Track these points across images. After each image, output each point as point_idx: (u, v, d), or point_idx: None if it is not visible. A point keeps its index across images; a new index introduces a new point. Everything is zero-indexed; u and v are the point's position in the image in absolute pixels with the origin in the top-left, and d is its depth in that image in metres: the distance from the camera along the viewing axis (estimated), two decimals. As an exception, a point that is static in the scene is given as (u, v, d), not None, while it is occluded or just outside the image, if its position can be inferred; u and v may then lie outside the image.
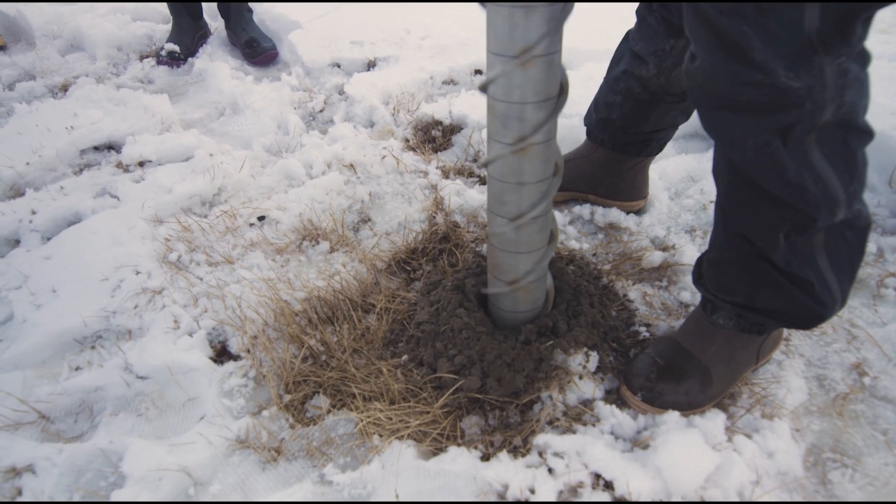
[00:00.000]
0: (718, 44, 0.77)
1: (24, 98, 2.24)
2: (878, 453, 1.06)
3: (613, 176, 1.51)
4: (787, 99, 0.77)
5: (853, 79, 0.78)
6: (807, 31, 0.72)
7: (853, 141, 0.84)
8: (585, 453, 0.96)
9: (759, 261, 0.96)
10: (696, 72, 0.83)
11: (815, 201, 0.86)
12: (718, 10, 0.74)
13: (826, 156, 0.83)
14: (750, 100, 0.79)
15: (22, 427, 1.12)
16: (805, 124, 0.80)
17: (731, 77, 0.79)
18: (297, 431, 1.09)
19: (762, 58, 0.75)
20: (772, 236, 0.91)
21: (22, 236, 1.53)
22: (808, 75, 0.75)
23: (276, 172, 1.73)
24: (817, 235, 0.91)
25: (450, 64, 2.19)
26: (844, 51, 0.75)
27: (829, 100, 0.78)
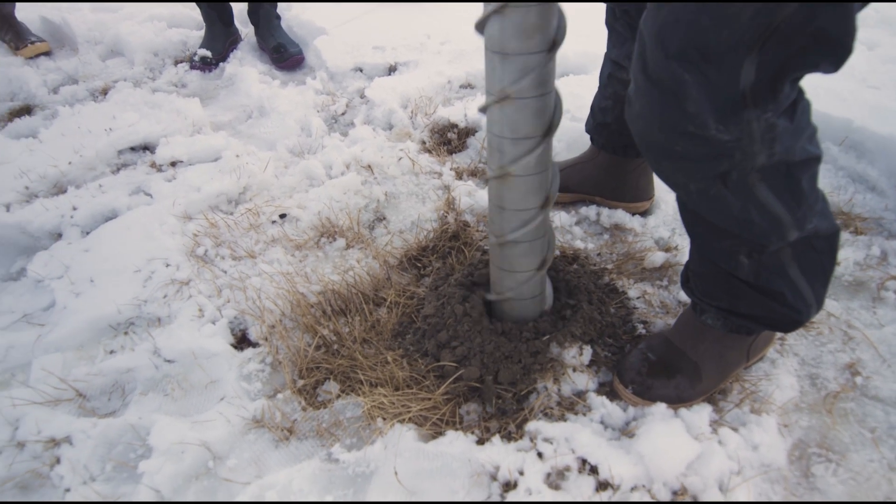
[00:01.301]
0: (656, 91, 0.82)
1: (67, 101, 2.39)
2: (864, 450, 1.09)
3: (617, 178, 1.56)
4: (717, 150, 0.82)
5: (782, 131, 0.82)
6: (742, 85, 0.76)
7: (797, 171, 0.88)
8: (573, 440, 1.02)
9: (730, 277, 1.00)
10: (633, 118, 0.88)
11: (762, 230, 0.91)
12: (666, 52, 0.78)
13: (770, 188, 0.87)
14: (684, 150, 0.84)
15: (61, 403, 1.23)
16: (740, 170, 0.84)
17: (666, 125, 0.83)
18: (309, 413, 1.17)
19: (695, 109, 0.79)
20: (732, 259, 0.97)
21: (64, 230, 1.65)
22: (736, 129, 0.80)
23: (297, 173, 1.82)
24: (784, 250, 0.95)
25: (467, 69, 2.26)
26: (772, 107, 0.79)
27: (757, 151, 0.82)
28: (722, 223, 0.94)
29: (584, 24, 2.33)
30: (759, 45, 0.74)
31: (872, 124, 1.71)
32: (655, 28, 0.79)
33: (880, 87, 1.90)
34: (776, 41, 0.74)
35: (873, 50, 2.19)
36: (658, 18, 0.79)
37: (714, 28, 0.74)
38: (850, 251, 1.48)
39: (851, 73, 1.98)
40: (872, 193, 1.66)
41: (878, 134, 1.67)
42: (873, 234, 1.54)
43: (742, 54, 0.75)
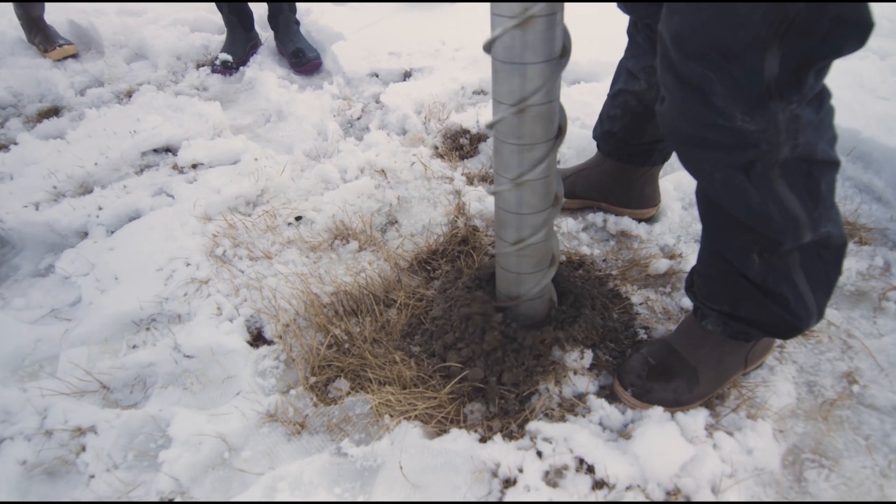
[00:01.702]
0: (683, 90, 0.86)
1: (93, 103, 2.47)
2: (858, 457, 1.12)
3: (623, 185, 1.60)
4: (744, 140, 0.85)
5: (806, 123, 0.85)
6: (766, 78, 0.80)
7: (817, 172, 0.91)
8: (572, 440, 1.06)
9: (738, 277, 1.04)
10: (665, 113, 0.92)
11: (780, 227, 0.94)
12: (686, 55, 0.82)
13: (790, 186, 0.90)
14: (713, 139, 0.87)
15: (86, 394, 1.30)
16: (764, 161, 0.87)
17: (695, 119, 0.87)
18: (320, 409, 1.22)
19: (722, 103, 0.83)
20: (745, 256, 1.00)
21: (90, 229, 1.72)
22: (762, 119, 0.83)
23: (313, 176, 1.88)
24: (792, 254, 0.98)
25: (481, 75, 2.30)
26: (796, 98, 0.82)
27: (783, 142, 0.85)
28: (741, 216, 0.96)
29: (597, 31, 2.37)
30: (777, 39, 0.77)
31: (880, 135, 1.73)
32: (672, 35, 0.83)
33: (890, 97, 1.91)
34: (795, 34, 0.77)
35: (885, 60, 2.19)
36: (672, 24, 0.83)
37: (729, 29, 0.78)
38: (853, 261, 1.50)
39: (861, 83, 2.00)
40: (878, 204, 1.68)
41: (886, 145, 1.69)
42: (878, 244, 1.56)
43: (762, 49, 0.78)
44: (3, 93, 2.56)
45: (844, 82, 2.02)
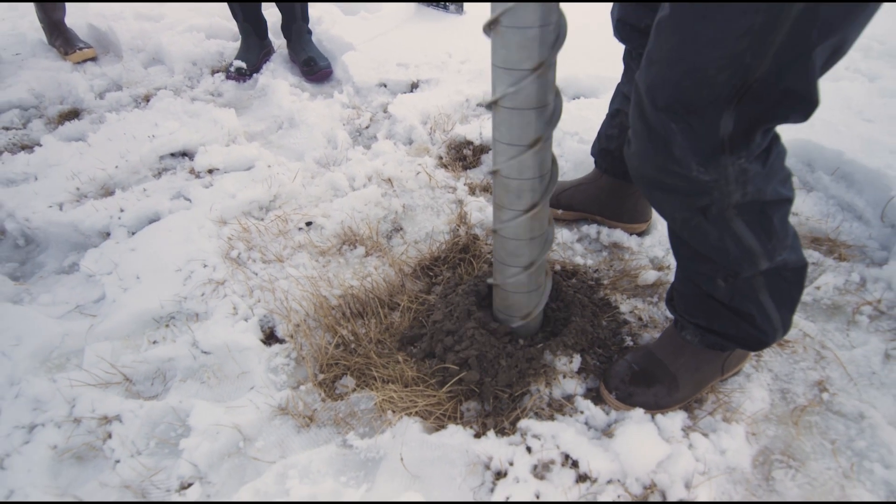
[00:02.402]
0: (649, 136, 0.95)
1: (112, 107, 2.58)
2: (823, 459, 1.22)
3: (617, 200, 1.69)
4: (698, 188, 0.95)
5: (753, 175, 0.94)
6: (721, 134, 0.89)
7: (769, 210, 1.00)
8: (559, 437, 1.16)
9: (708, 297, 1.13)
10: (631, 156, 1.02)
11: (737, 258, 1.03)
12: (656, 105, 0.92)
13: (746, 223, 1.00)
14: (671, 184, 0.97)
15: (111, 386, 1.40)
16: (718, 205, 0.97)
17: (656, 165, 0.96)
18: (327, 404, 1.32)
19: (680, 153, 0.92)
20: (711, 281, 1.10)
21: (112, 230, 1.82)
22: (714, 171, 0.93)
23: (323, 183, 1.98)
24: (756, 278, 1.08)
25: (485, 88, 2.40)
26: (745, 154, 0.92)
27: (733, 190, 0.95)
28: (702, 249, 1.07)
29: (596, 47, 2.47)
30: (735, 101, 0.87)
31: (863, 157, 1.82)
32: (646, 85, 0.93)
33: (874, 120, 2.00)
34: (751, 98, 0.87)
35: (874, 82, 2.28)
36: (649, 76, 0.93)
37: (695, 88, 0.87)
38: (831, 276, 1.59)
39: (848, 105, 2.09)
40: (859, 222, 1.77)
41: (867, 167, 1.78)
42: (855, 260, 1.65)
43: (721, 108, 0.88)
44: (25, 94, 2.67)
45: (833, 103, 2.11)
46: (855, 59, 2.42)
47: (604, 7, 1.42)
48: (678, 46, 0.86)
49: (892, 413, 1.28)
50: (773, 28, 0.78)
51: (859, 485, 1.16)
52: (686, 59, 0.86)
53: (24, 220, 1.88)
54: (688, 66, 0.86)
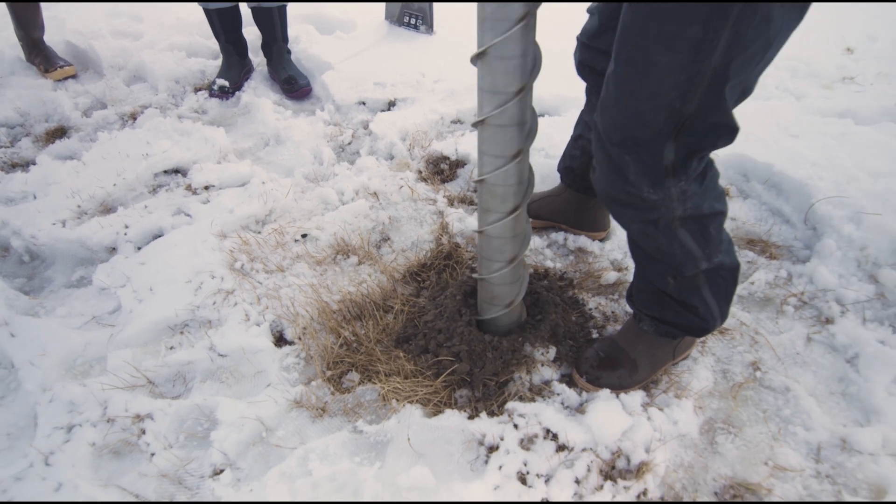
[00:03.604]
0: (609, 165, 1.18)
1: (99, 125, 2.68)
2: (757, 426, 1.47)
3: (579, 211, 1.92)
4: (649, 205, 1.18)
5: (692, 194, 1.18)
6: (665, 163, 1.12)
7: (706, 221, 1.24)
8: (540, 415, 1.38)
9: (660, 293, 1.37)
10: (596, 179, 1.25)
11: (681, 260, 1.27)
12: (612, 142, 1.14)
13: (688, 232, 1.23)
14: (628, 202, 1.20)
15: (136, 388, 1.55)
16: (665, 218, 1.20)
17: (616, 187, 1.19)
18: (337, 397, 1.50)
19: (634, 178, 1.15)
20: (662, 279, 1.33)
21: (118, 245, 1.95)
22: (661, 192, 1.16)
23: (314, 198, 2.15)
24: (699, 276, 1.31)
25: (458, 107, 2.60)
26: (684, 177, 1.15)
27: (676, 207, 1.18)
28: (654, 253, 1.31)
29: (559, 68, 2.70)
30: (673, 136, 1.10)
31: (789, 169, 2.10)
32: (603, 127, 1.15)
33: (800, 135, 2.30)
34: (685, 133, 1.10)
35: (800, 100, 2.59)
36: (604, 120, 1.15)
37: (640, 128, 1.10)
38: (763, 273, 1.86)
39: (777, 122, 2.38)
40: (787, 225, 2.05)
41: (793, 178, 2.06)
42: (784, 259, 1.92)
43: (662, 143, 1.11)
44: (10, 112, 2.74)
45: (765, 120, 2.40)
46: (783, 78, 2.73)
47: (564, 33, 1.62)
48: (624, 97, 1.09)
49: (812, 386, 1.55)
50: (695, 83, 1.01)
51: (785, 445, 1.41)
52: (631, 108, 1.09)
53: (31, 238, 1.99)
54: (633, 112, 1.09)
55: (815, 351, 1.63)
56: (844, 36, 3.14)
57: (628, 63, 1.05)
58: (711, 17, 0.94)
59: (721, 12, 0.93)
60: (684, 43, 0.97)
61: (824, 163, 2.11)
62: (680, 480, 1.35)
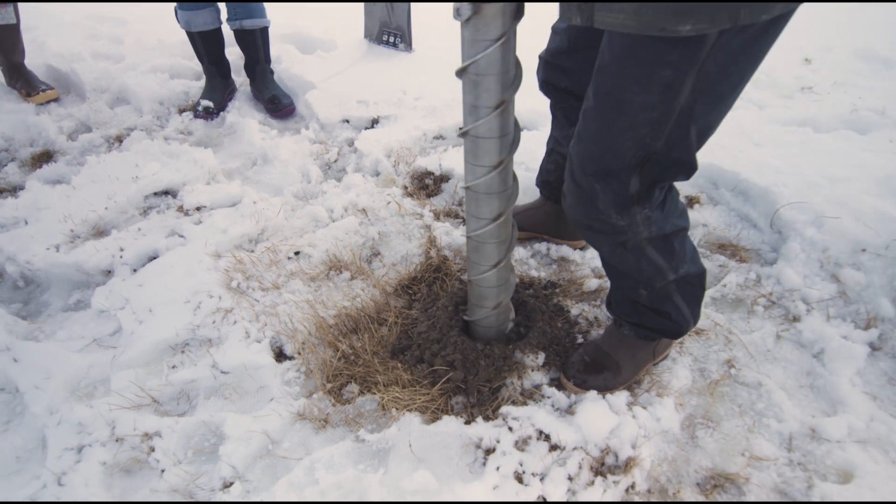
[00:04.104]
0: (579, 194, 1.28)
1: (85, 148, 2.71)
2: (733, 420, 1.57)
3: (559, 222, 2.03)
4: (617, 230, 1.29)
5: (655, 219, 1.29)
6: (631, 191, 1.23)
7: (671, 238, 1.35)
8: (533, 418, 1.46)
9: (635, 302, 1.47)
10: (567, 207, 1.35)
11: (650, 275, 1.38)
12: (584, 171, 1.24)
13: (655, 249, 1.34)
14: (598, 227, 1.31)
15: (142, 408, 1.60)
16: (632, 241, 1.31)
17: (586, 214, 1.30)
18: (338, 408, 1.57)
19: (603, 206, 1.25)
20: (635, 291, 1.44)
21: (115, 268, 2.00)
22: (628, 218, 1.27)
23: (304, 216, 2.22)
24: (669, 285, 1.42)
25: (439, 123, 2.70)
26: (648, 205, 1.26)
27: (641, 231, 1.29)
28: (625, 270, 1.41)
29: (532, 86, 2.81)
30: (640, 167, 1.21)
31: (754, 176, 2.23)
32: (578, 156, 1.25)
33: (763, 144, 2.44)
34: (650, 165, 1.21)
35: (763, 110, 2.74)
36: (579, 150, 1.25)
37: (613, 159, 1.20)
38: (734, 275, 1.98)
39: (742, 131, 2.52)
40: (754, 230, 2.17)
41: (758, 185, 2.19)
42: (752, 262, 2.05)
43: (630, 173, 1.22)
44: (-6, 138, 2.75)
45: (731, 130, 2.54)
46: (747, 90, 2.88)
47: (536, 50, 1.70)
48: (600, 130, 1.19)
49: (782, 380, 1.66)
50: (665, 120, 1.12)
51: (760, 436, 1.52)
52: (607, 140, 1.19)
53: (26, 263, 2.02)
54: (608, 144, 1.19)
55: (785, 348, 1.75)
56: (802, 47, 3.31)
57: (605, 99, 1.15)
58: (681, 60, 1.04)
59: (689, 57, 1.04)
60: (657, 83, 1.08)
61: (787, 170, 2.24)
62: (665, 473, 1.44)
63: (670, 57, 1.04)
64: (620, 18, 1.00)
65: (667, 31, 0.97)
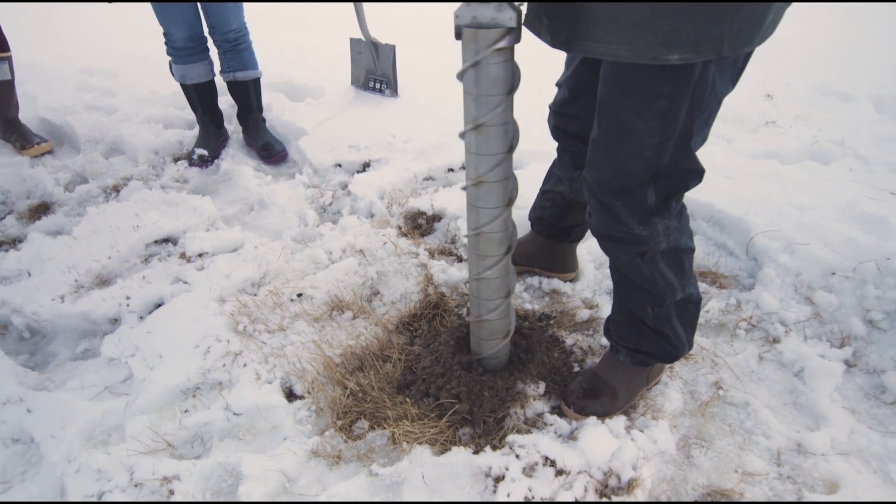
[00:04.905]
0: (603, 210, 1.40)
1: (83, 199, 2.77)
2: (724, 438, 1.67)
3: (551, 255, 2.14)
4: (639, 239, 1.40)
5: (673, 229, 1.41)
6: (649, 204, 1.35)
7: (682, 255, 1.47)
8: (538, 444, 1.54)
9: (638, 322, 1.58)
10: (592, 223, 1.46)
11: (662, 290, 1.49)
12: (603, 191, 1.36)
13: (667, 264, 1.46)
14: (620, 238, 1.42)
15: (157, 452, 1.64)
16: (651, 251, 1.42)
17: (610, 227, 1.41)
18: (350, 444, 1.63)
19: (625, 218, 1.37)
20: (642, 308, 1.54)
21: (122, 316, 2.04)
22: (649, 228, 1.38)
23: (305, 259, 2.30)
24: (671, 307, 1.53)
25: (428, 164, 2.82)
26: (666, 215, 1.38)
27: (661, 240, 1.41)
28: (639, 282, 1.51)
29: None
30: (653, 182, 1.33)
31: (728, 207, 2.38)
32: (593, 179, 1.37)
33: (734, 177, 2.60)
34: (661, 179, 1.33)
35: (731, 144, 2.92)
36: (592, 174, 1.37)
37: (626, 177, 1.32)
38: (716, 301, 2.10)
39: (713, 164, 2.68)
40: (731, 258, 2.31)
41: (732, 215, 2.34)
42: (732, 288, 2.18)
43: (645, 188, 1.33)
44: (-9, 192, 2.80)
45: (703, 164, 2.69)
46: (716, 126, 3.05)
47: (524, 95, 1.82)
48: (608, 156, 1.32)
49: (767, 399, 1.77)
50: (667, 141, 1.24)
51: (750, 453, 1.62)
52: (616, 164, 1.31)
53: (32, 315, 2.06)
54: (617, 167, 1.31)
55: (767, 368, 1.86)
56: (763, 83, 3.54)
57: (609, 130, 1.28)
58: (673, 91, 1.17)
59: (681, 88, 1.17)
60: (654, 113, 1.20)
61: (758, 200, 2.40)
62: (665, 493, 1.53)
63: (663, 89, 1.16)
64: (614, 49, 1.13)
65: (658, 59, 1.10)
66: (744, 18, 1.07)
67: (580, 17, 1.13)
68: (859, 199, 2.35)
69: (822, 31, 4.34)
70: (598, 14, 1.10)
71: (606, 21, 1.10)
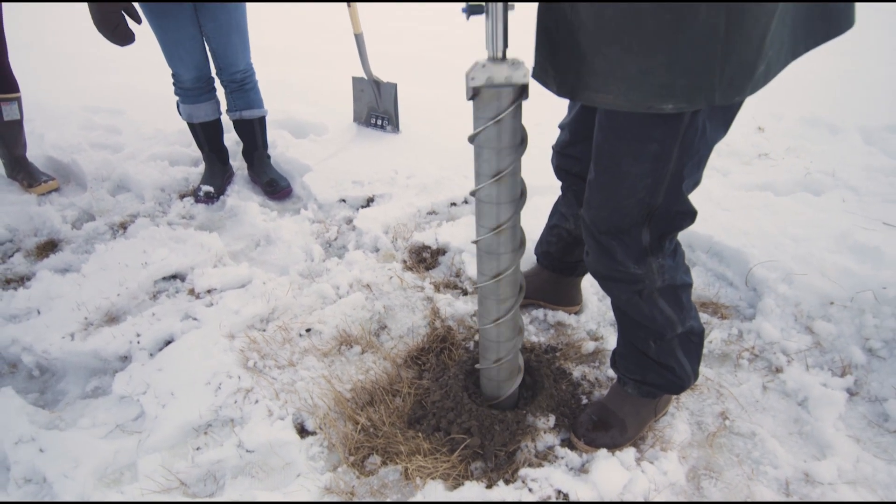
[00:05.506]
0: (599, 249, 1.45)
1: (90, 236, 2.80)
2: (733, 469, 1.69)
3: (557, 289, 2.18)
4: (635, 278, 1.45)
5: (668, 267, 1.46)
6: (643, 244, 1.40)
7: (679, 291, 1.51)
8: (550, 478, 1.56)
9: (643, 355, 1.61)
10: (590, 262, 1.51)
11: (662, 325, 1.53)
12: (599, 231, 1.41)
13: (666, 301, 1.50)
14: (617, 277, 1.46)
15: (171, 491, 1.64)
16: (648, 289, 1.47)
17: (607, 266, 1.46)
18: (363, 480, 1.64)
19: (621, 258, 1.42)
20: (645, 342, 1.58)
21: (132, 354, 2.06)
22: (644, 267, 1.43)
23: (312, 294, 2.33)
24: (674, 340, 1.57)
25: (431, 199, 2.87)
26: (661, 254, 1.43)
27: (656, 278, 1.45)
28: (639, 319, 1.55)
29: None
30: (647, 222, 1.38)
31: (727, 239, 2.44)
32: (591, 219, 1.42)
33: (731, 209, 2.66)
34: (655, 220, 1.38)
35: (726, 177, 2.99)
36: (590, 215, 1.42)
37: (621, 219, 1.37)
38: (718, 332, 2.14)
39: (710, 197, 2.75)
40: (731, 288, 2.36)
41: (731, 246, 2.40)
42: (733, 318, 2.22)
43: (639, 228, 1.38)
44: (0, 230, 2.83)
45: (699, 196, 2.76)
46: (711, 158, 3.14)
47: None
48: (604, 197, 1.37)
49: (773, 429, 1.80)
50: (660, 183, 1.30)
51: (759, 483, 1.64)
52: (611, 205, 1.36)
53: (43, 353, 2.07)
54: (613, 207, 1.36)
55: (771, 397, 1.89)
56: (755, 117, 3.64)
57: (605, 172, 1.34)
58: (664, 136, 1.23)
59: (671, 133, 1.23)
60: (647, 156, 1.26)
61: (754, 232, 2.46)
62: (676, 524, 1.54)
63: (655, 133, 1.22)
64: (611, 98, 1.19)
65: (653, 108, 1.16)
66: (734, 69, 1.13)
67: (582, 69, 1.19)
68: (853, 229, 2.41)
69: (809, 64, 4.48)
70: (597, 67, 1.17)
71: (605, 73, 1.16)
